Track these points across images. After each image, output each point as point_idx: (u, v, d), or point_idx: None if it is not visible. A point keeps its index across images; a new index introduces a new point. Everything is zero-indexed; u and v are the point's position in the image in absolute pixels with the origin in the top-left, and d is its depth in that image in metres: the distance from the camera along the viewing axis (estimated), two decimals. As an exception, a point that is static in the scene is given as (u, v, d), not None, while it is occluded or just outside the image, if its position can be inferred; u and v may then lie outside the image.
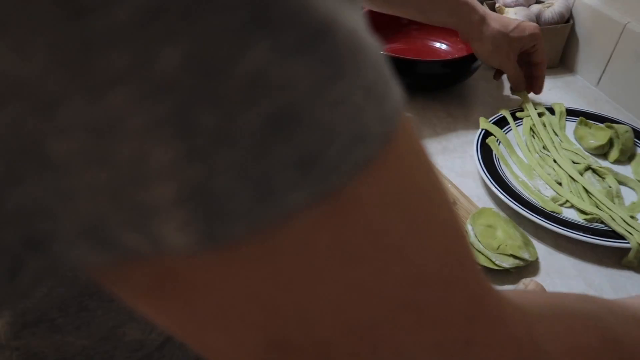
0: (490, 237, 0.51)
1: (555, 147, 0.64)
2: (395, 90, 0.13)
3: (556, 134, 0.66)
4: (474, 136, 0.64)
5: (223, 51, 0.09)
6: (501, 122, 0.66)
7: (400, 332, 0.14)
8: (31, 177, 0.10)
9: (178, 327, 0.14)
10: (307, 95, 0.10)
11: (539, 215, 0.53)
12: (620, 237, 0.51)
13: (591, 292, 0.49)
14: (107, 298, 0.28)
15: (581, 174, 0.60)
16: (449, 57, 0.74)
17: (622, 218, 0.53)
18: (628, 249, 0.50)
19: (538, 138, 0.65)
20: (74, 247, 0.11)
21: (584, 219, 0.54)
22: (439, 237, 0.14)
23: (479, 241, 0.51)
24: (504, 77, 0.79)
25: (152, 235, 0.11)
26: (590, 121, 0.66)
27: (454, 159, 0.65)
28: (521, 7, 0.80)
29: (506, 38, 0.65)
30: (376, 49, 0.12)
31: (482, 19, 0.65)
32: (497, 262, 0.49)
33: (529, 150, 0.63)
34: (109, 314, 0.29)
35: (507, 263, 0.49)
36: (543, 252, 0.52)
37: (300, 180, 0.11)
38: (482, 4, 0.85)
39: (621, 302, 0.30)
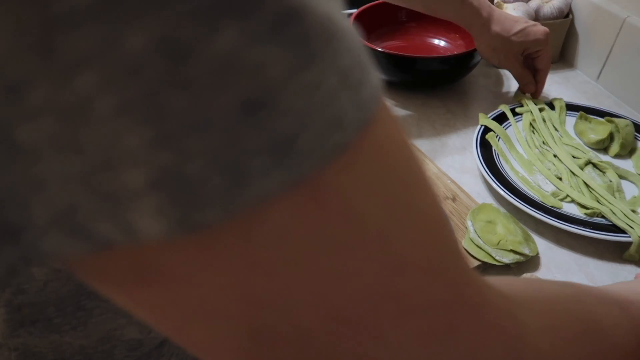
0: (491, 233, 0.51)
1: (555, 142, 0.63)
2: (373, 77, 0.12)
3: (556, 129, 0.65)
4: (474, 132, 0.64)
5: (191, 34, 0.09)
6: (501, 118, 0.66)
7: (382, 319, 0.14)
8: (1, 164, 0.10)
9: (159, 319, 0.14)
10: (279, 80, 0.10)
11: (539, 210, 0.53)
12: (621, 231, 0.51)
13: (592, 287, 0.49)
14: (103, 297, 0.28)
15: (581, 169, 0.59)
16: (448, 53, 0.74)
17: (622, 212, 0.53)
18: (629, 243, 0.50)
19: (538, 133, 0.65)
20: (46, 237, 0.11)
21: (585, 214, 0.54)
22: (419, 225, 0.14)
23: (479, 237, 0.51)
24: (506, 73, 0.79)
25: (125, 224, 0.10)
26: (591, 116, 0.66)
27: (453, 156, 0.64)
28: (520, 3, 0.80)
29: (506, 41, 0.66)
30: (353, 35, 0.12)
31: (485, 21, 0.65)
32: (497, 258, 0.49)
33: (529, 146, 0.63)
34: (107, 314, 0.29)
35: (508, 258, 0.49)
36: (543, 247, 0.52)
37: (273, 166, 0.11)
38: None
39: (602, 287, 0.30)
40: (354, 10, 0.78)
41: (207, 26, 0.09)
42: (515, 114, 0.67)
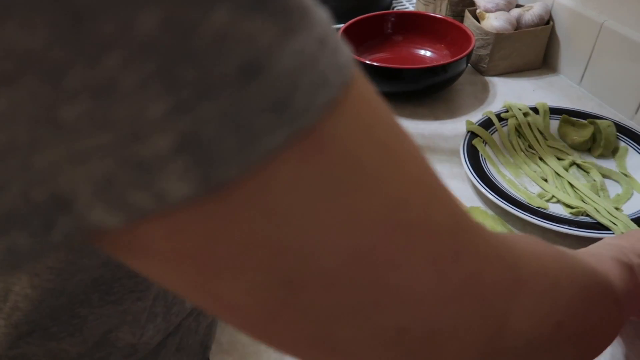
0: (479, 235, 0.53)
1: (540, 145, 0.65)
2: (344, 46, 0.14)
3: (541, 133, 0.67)
4: (461, 139, 0.65)
5: (191, 13, 0.11)
6: (487, 124, 0.68)
7: (396, 251, 0.15)
8: (49, 143, 0.11)
9: (190, 283, 0.15)
10: (269, 47, 0.12)
11: (525, 212, 0.54)
12: (606, 228, 0.53)
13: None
14: (97, 304, 0.29)
15: (566, 170, 0.61)
16: (434, 63, 0.76)
17: (606, 210, 0.55)
18: (614, 240, 0.52)
19: (523, 137, 0.67)
20: (92, 209, 0.12)
21: (570, 213, 0.56)
22: (411, 164, 0.16)
23: (469, 239, 0.52)
24: (492, 80, 0.81)
25: (156, 190, 0.12)
26: (573, 118, 0.68)
27: (442, 163, 0.66)
28: (502, 12, 0.82)
29: None
30: (320, 11, 0.14)
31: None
32: (486, 259, 0.50)
33: (515, 150, 0.65)
34: (101, 319, 0.30)
35: (497, 259, 0.50)
36: (532, 247, 0.54)
37: (276, 122, 0.12)
38: (462, 9, 0.88)
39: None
40: (342, 25, 0.81)
41: (204, 5, 0.11)
42: (500, 119, 0.69)
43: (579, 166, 0.62)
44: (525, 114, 0.69)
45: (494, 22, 0.80)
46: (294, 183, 0.13)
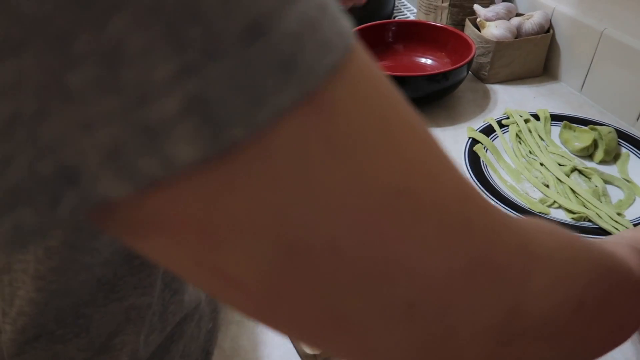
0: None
1: (541, 151, 0.66)
2: (345, 16, 0.15)
3: (542, 139, 0.68)
4: (463, 146, 0.66)
5: None
6: (488, 131, 0.68)
7: (401, 218, 0.15)
8: (56, 110, 0.11)
9: (191, 257, 0.14)
10: (273, 8, 0.12)
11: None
12: (608, 233, 0.53)
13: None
14: (101, 302, 0.30)
15: (567, 176, 0.61)
16: (435, 71, 0.76)
17: (608, 215, 0.55)
18: (616, 245, 0.52)
19: (524, 143, 0.67)
20: (100, 179, 0.12)
21: (572, 218, 0.56)
22: (413, 131, 0.16)
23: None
24: (492, 87, 0.82)
25: (163, 155, 0.12)
26: (575, 124, 0.68)
27: (444, 168, 0.66)
28: (502, 21, 0.83)
29: None
30: None
31: None
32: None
33: (516, 156, 0.65)
34: (106, 317, 0.30)
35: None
36: (534, 252, 0.54)
37: (283, 83, 0.12)
38: (463, 18, 0.88)
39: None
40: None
41: None
42: (501, 125, 0.69)
43: (580, 172, 0.62)
44: (526, 121, 0.70)
45: (494, 30, 0.81)
46: (298, 146, 0.13)
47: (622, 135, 0.67)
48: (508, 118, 0.70)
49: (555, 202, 0.58)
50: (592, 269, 0.22)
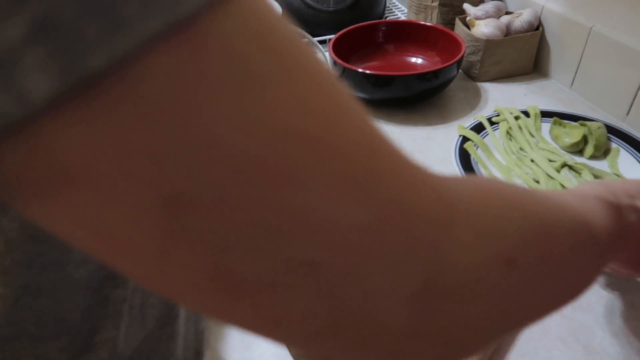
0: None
1: (531, 147, 0.66)
2: None
3: (532, 135, 0.68)
4: (454, 144, 0.66)
5: None
6: (479, 128, 0.69)
7: (297, 162, 0.13)
8: None
9: (70, 218, 0.13)
10: None
11: (518, 213, 0.54)
12: (598, 227, 0.53)
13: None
14: (80, 299, 0.29)
15: (558, 171, 0.62)
16: (426, 70, 0.76)
17: (598, 209, 0.55)
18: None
19: (515, 140, 0.67)
20: None
21: (562, 213, 0.56)
22: (310, 72, 0.14)
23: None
24: (483, 85, 0.82)
25: (15, 88, 0.10)
26: (564, 120, 0.68)
27: (435, 167, 0.67)
28: (491, 19, 0.83)
29: None
30: None
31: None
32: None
33: (507, 152, 0.65)
34: (84, 311, 0.30)
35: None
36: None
37: (146, 10, 0.11)
38: (453, 17, 0.89)
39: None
40: (333, 36, 0.82)
41: None
42: (492, 123, 0.70)
43: (570, 167, 0.62)
44: (517, 118, 0.70)
45: (483, 29, 0.81)
46: (170, 81, 0.12)
47: (612, 131, 0.67)
48: (498, 115, 0.71)
49: (545, 197, 0.58)
50: (528, 226, 0.20)
